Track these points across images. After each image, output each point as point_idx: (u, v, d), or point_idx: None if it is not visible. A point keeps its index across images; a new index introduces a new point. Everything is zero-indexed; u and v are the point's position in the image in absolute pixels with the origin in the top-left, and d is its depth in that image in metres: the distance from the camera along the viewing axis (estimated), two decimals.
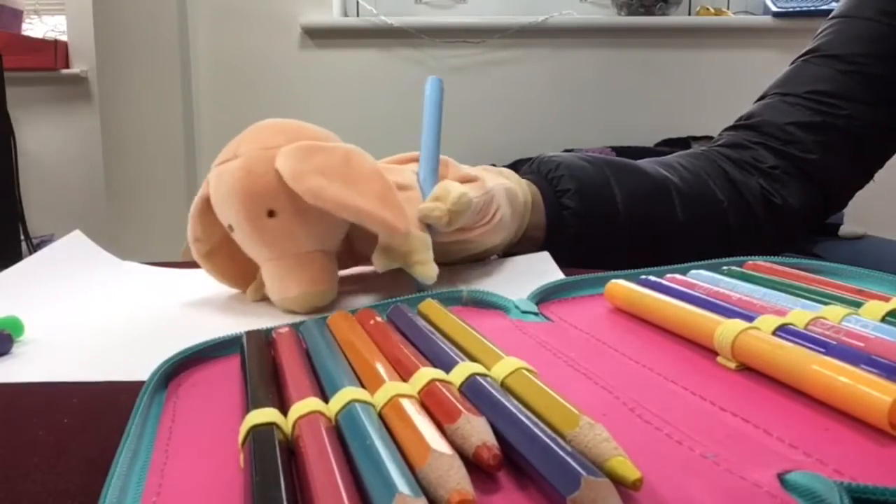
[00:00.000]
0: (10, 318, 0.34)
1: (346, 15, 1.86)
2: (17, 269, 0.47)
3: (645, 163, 0.54)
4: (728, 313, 0.27)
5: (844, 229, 1.38)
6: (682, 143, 1.70)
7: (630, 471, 0.16)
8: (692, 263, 0.37)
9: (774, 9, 1.72)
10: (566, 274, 0.41)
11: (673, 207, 0.51)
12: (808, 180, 0.55)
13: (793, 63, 0.61)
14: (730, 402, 0.21)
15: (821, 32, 0.60)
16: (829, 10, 0.61)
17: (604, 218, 0.49)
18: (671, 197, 0.51)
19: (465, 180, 0.44)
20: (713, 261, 0.37)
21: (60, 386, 0.28)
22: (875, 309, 0.27)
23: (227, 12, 1.87)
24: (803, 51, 0.60)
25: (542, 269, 0.44)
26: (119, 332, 0.37)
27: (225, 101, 1.90)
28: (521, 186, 0.49)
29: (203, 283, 0.44)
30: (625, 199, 0.49)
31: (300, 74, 1.86)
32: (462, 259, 0.46)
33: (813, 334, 0.24)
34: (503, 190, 0.46)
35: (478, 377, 0.21)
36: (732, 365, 0.24)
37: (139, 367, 0.27)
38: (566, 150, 1.62)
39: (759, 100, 0.61)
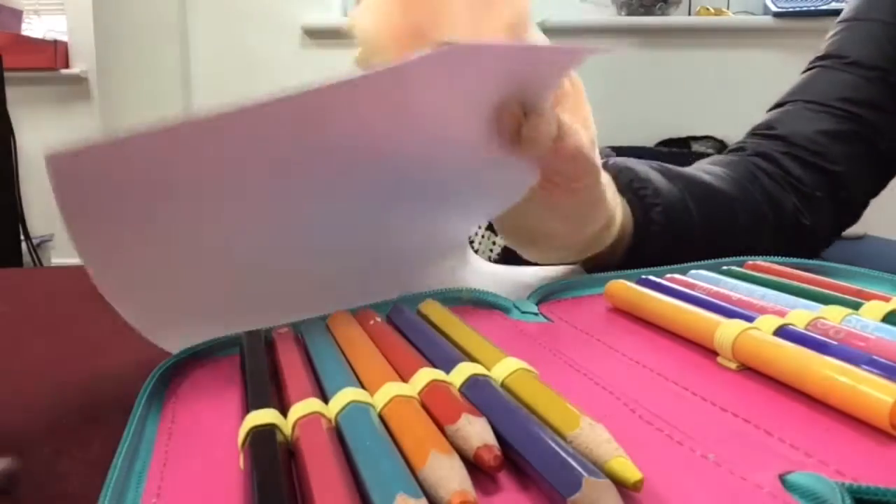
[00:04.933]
0: None
1: (346, 15, 1.86)
2: None
3: (698, 173, 0.51)
4: (728, 313, 0.27)
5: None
6: (682, 143, 1.70)
7: (631, 472, 0.16)
8: (692, 263, 0.37)
9: (774, 9, 1.72)
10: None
11: (735, 220, 0.49)
12: (836, 198, 0.53)
13: (808, 69, 0.58)
14: (730, 402, 0.21)
15: (833, 35, 0.57)
16: (830, 11, 0.60)
17: (684, 233, 0.46)
18: (734, 210, 0.49)
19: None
20: (713, 261, 0.37)
21: (59, 384, 0.28)
22: (875, 309, 0.27)
23: (227, 12, 1.87)
24: (818, 55, 0.58)
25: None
26: None
27: (225, 101, 1.90)
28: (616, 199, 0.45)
29: None
30: (699, 213, 0.47)
31: (300, 74, 1.85)
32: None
33: (813, 335, 0.24)
34: (614, 191, 0.42)
35: (478, 377, 0.21)
36: (733, 365, 0.24)
37: None
38: None
39: (776, 107, 0.57)
